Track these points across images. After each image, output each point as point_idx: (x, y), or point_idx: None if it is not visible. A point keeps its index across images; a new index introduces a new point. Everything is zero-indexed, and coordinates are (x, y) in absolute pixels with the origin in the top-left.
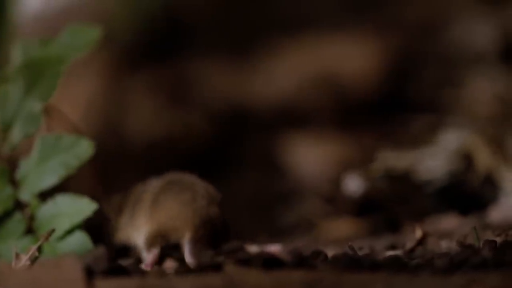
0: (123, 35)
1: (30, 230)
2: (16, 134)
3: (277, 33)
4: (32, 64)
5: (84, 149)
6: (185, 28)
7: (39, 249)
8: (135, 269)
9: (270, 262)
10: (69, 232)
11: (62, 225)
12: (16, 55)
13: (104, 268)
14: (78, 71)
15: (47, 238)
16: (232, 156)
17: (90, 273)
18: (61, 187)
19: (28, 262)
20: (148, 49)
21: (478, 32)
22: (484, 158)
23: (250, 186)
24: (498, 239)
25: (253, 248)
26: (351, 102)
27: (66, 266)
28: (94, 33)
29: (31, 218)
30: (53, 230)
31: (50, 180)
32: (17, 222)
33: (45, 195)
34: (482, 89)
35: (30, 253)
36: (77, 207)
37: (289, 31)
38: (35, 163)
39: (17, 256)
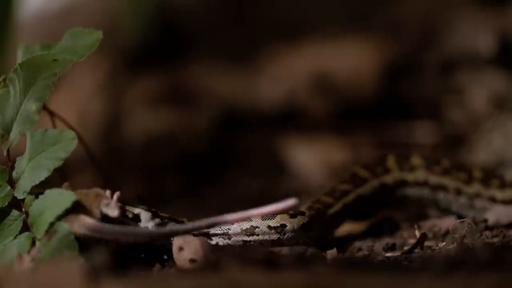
0: (124, 37)
1: (26, 227)
2: (14, 134)
3: (276, 36)
4: (28, 65)
5: (69, 140)
6: (186, 30)
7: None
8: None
9: (270, 263)
10: (52, 224)
11: (49, 218)
12: (19, 58)
13: (105, 269)
14: (79, 73)
15: (49, 239)
16: (231, 157)
17: (91, 275)
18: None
19: (31, 264)
20: (149, 52)
21: (477, 36)
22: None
23: (249, 187)
24: (496, 240)
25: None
26: (349, 105)
27: (67, 268)
28: (95, 36)
29: (27, 214)
30: (54, 231)
31: (41, 174)
32: (14, 220)
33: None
34: (480, 93)
35: (32, 254)
36: (59, 200)
37: (288, 34)
38: (28, 159)
39: (20, 257)
